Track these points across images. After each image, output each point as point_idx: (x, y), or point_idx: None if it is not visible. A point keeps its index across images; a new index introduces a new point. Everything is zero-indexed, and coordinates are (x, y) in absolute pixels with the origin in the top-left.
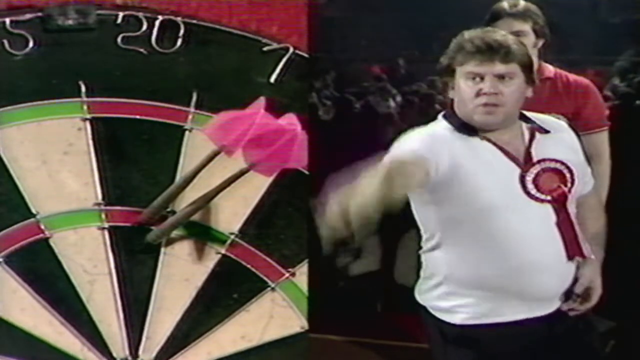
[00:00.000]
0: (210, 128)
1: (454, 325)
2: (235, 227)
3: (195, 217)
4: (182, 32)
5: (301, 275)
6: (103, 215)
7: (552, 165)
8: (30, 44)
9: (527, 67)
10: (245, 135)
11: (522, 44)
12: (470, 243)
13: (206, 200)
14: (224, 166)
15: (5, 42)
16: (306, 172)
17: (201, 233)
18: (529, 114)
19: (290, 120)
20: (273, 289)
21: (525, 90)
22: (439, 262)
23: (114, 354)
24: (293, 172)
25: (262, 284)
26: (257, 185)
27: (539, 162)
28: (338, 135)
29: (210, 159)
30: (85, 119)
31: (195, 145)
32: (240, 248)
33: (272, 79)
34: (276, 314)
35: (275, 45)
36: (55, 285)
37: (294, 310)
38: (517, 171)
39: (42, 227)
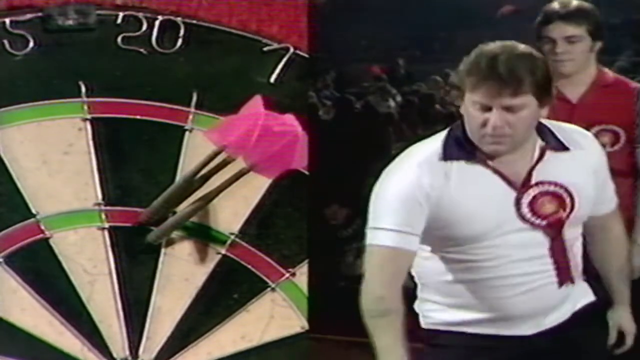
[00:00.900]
0: (212, 131)
1: (429, 329)
2: (236, 227)
3: (196, 217)
4: (182, 32)
5: (301, 275)
6: (103, 216)
7: (551, 188)
8: (31, 44)
9: (542, 92)
10: (250, 137)
11: (542, 64)
12: (457, 263)
13: (206, 201)
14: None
15: (5, 42)
16: (306, 173)
17: (201, 233)
18: (553, 125)
19: (290, 121)
20: (273, 289)
21: (538, 113)
22: (427, 270)
23: (114, 354)
24: (293, 172)
25: (262, 284)
26: (257, 186)
27: (537, 184)
28: (338, 135)
29: (210, 159)
30: (85, 119)
31: (196, 145)
32: (241, 248)
33: (272, 79)
34: (276, 314)
35: (275, 46)
36: (55, 285)
37: (294, 311)
38: (512, 194)
39: (42, 227)
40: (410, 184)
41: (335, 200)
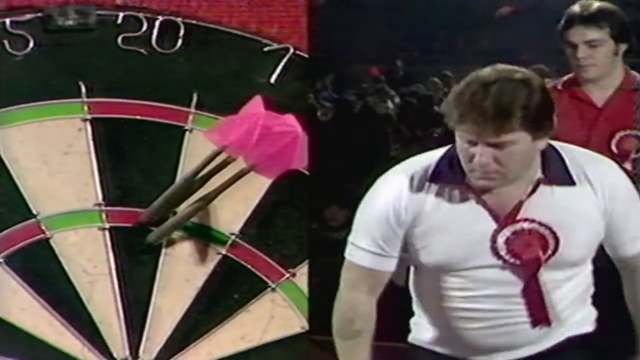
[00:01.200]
0: (212, 131)
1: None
2: (236, 227)
3: (196, 217)
4: (182, 32)
5: (301, 275)
6: (103, 216)
7: (534, 226)
8: (31, 44)
9: (536, 126)
10: (250, 137)
11: (539, 93)
12: (430, 286)
13: (207, 201)
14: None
15: (5, 42)
16: (306, 173)
17: (201, 233)
18: (569, 152)
19: (290, 122)
20: (273, 290)
21: (533, 148)
22: (412, 284)
23: (114, 355)
24: (293, 172)
25: (262, 285)
26: (257, 186)
27: (519, 221)
28: (337, 136)
29: (210, 159)
30: (85, 120)
31: (196, 145)
32: (241, 248)
33: (272, 80)
34: (276, 315)
35: (275, 46)
36: (55, 285)
37: (294, 311)
38: (492, 228)
39: (43, 227)
40: (385, 203)
41: (334, 201)
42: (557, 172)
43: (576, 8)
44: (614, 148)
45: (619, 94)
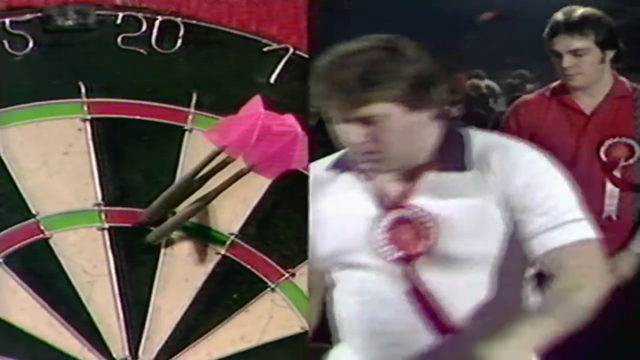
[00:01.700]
0: (212, 131)
1: None
2: (235, 227)
3: (195, 217)
4: (182, 32)
5: (301, 275)
6: (103, 216)
7: (417, 214)
8: (30, 45)
9: (408, 96)
10: (250, 137)
11: (416, 58)
12: (340, 309)
13: (206, 202)
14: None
15: (5, 42)
16: (306, 173)
17: (201, 234)
18: (480, 137)
19: (290, 122)
20: (273, 290)
21: (412, 122)
22: None
23: (114, 354)
24: (293, 172)
25: (262, 285)
26: (257, 186)
27: (402, 207)
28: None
29: (210, 159)
30: (85, 120)
31: (195, 145)
32: (240, 248)
33: (272, 80)
34: (276, 315)
35: (275, 46)
36: (55, 285)
37: (294, 311)
38: (374, 214)
39: (42, 227)
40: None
41: None
42: (450, 157)
43: (560, 16)
44: (602, 156)
45: (608, 101)
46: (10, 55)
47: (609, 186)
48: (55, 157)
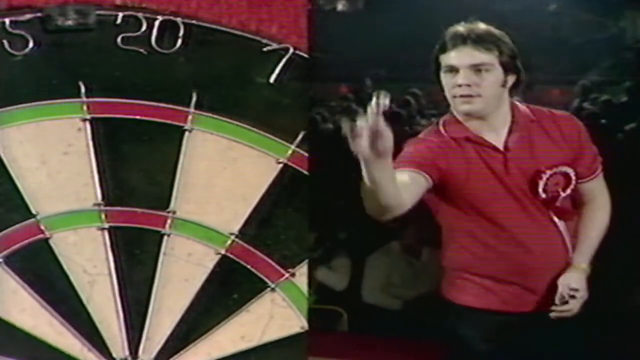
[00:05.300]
0: None
1: None
2: (235, 227)
3: (195, 217)
4: (181, 32)
5: (301, 275)
6: (103, 216)
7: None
8: (30, 44)
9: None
10: None
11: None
12: None
13: None
14: (224, 167)
15: (5, 42)
16: (306, 173)
17: (201, 233)
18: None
19: None
20: (273, 289)
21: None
22: None
23: (114, 355)
24: (293, 172)
25: (262, 285)
26: (257, 186)
27: None
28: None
29: None
30: (84, 119)
31: (195, 145)
32: (240, 248)
33: (272, 79)
34: (276, 314)
35: (275, 46)
36: (55, 285)
37: (294, 311)
38: None
39: (42, 227)
40: None
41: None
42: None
43: (460, 28)
44: (541, 193)
45: (517, 130)
46: (10, 55)
47: (557, 220)
48: (55, 157)
